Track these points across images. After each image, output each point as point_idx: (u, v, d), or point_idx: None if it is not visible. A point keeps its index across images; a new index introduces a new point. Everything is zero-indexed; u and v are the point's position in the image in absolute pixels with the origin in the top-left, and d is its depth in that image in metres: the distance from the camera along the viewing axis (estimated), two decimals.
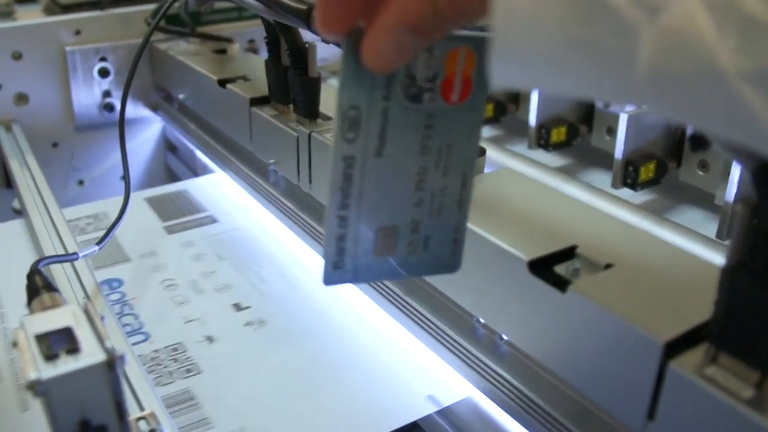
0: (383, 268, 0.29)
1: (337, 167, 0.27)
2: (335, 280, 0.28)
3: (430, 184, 0.28)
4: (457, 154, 0.28)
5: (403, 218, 0.29)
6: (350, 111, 0.26)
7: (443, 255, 0.30)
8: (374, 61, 0.23)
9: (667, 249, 0.32)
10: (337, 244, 0.28)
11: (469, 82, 0.27)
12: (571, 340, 0.30)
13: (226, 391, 0.40)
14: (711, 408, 0.24)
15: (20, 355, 0.26)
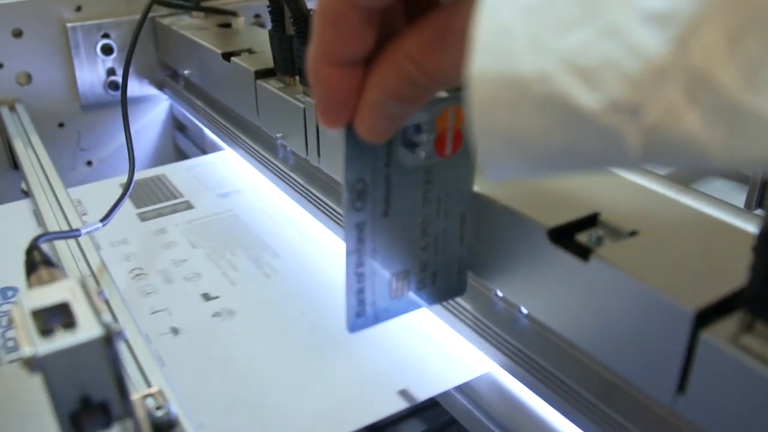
0: (399, 306, 0.33)
1: (350, 234, 0.30)
2: (359, 327, 0.32)
3: (433, 229, 0.32)
4: (455, 198, 0.31)
5: (412, 262, 0.32)
6: (357, 184, 0.29)
7: (450, 284, 0.34)
8: (368, 133, 0.25)
9: (695, 215, 0.30)
10: (357, 297, 0.31)
11: (459, 135, 0.30)
12: (594, 312, 0.28)
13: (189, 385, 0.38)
14: (746, 379, 0.23)
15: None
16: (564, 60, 0.16)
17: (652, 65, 0.15)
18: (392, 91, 0.23)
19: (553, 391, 0.32)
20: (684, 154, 0.16)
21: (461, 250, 0.33)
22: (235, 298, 0.45)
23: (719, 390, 0.24)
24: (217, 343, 0.41)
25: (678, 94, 0.15)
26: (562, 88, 0.16)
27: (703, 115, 0.15)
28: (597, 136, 0.16)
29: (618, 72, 0.15)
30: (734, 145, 0.15)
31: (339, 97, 0.24)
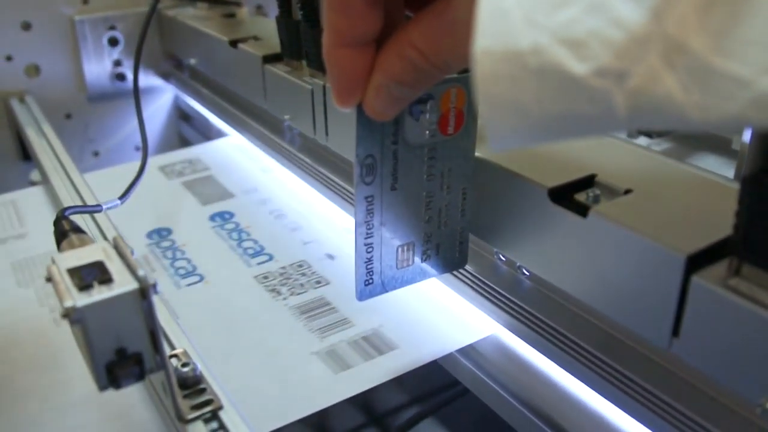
0: (405, 276, 0.35)
1: (360, 206, 0.32)
2: (367, 295, 0.34)
3: (437, 203, 0.34)
4: (457, 174, 0.34)
5: (417, 234, 0.34)
6: (367, 159, 0.31)
7: (452, 256, 0.36)
8: (374, 112, 0.28)
9: (686, 174, 0.32)
10: (366, 266, 0.34)
11: (461, 114, 0.32)
12: (593, 265, 0.30)
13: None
14: (735, 318, 0.25)
15: (54, 287, 0.27)
16: (555, 33, 0.18)
17: (632, 35, 0.17)
18: (397, 75, 0.26)
19: (557, 347, 0.34)
20: (665, 115, 0.17)
21: (462, 224, 0.35)
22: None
23: (711, 330, 0.26)
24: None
25: (657, 60, 0.17)
26: (555, 58, 0.18)
27: (679, 78, 0.16)
28: (588, 100, 0.18)
29: (603, 42, 0.17)
30: (707, 104, 0.16)
31: (350, 76, 0.27)
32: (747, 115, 0.16)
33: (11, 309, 0.43)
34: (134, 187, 0.46)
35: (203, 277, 0.46)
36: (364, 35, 0.26)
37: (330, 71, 0.27)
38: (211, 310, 0.43)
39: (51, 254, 0.29)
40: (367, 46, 0.26)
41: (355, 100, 0.28)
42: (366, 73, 0.27)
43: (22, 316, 0.42)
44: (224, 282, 0.46)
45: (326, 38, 0.26)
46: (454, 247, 0.36)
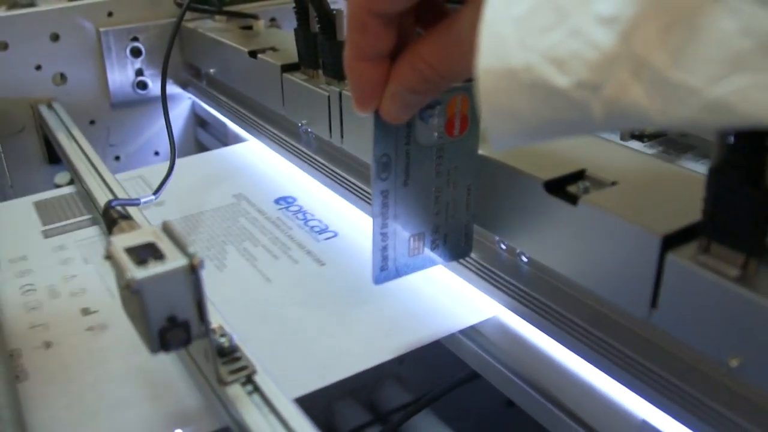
0: (416, 263, 0.39)
1: (377, 200, 0.36)
2: (382, 279, 0.39)
3: (444, 198, 0.38)
4: (463, 171, 0.38)
5: (427, 226, 0.38)
6: (382, 158, 0.35)
7: (458, 245, 0.40)
8: (390, 116, 0.32)
9: (665, 167, 0.36)
10: (382, 254, 0.38)
11: (465, 118, 0.37)
12: (583, 247, 0.34)
13: None
14: (705, 289, 0.29)
15: (114, 264, 0.31)
16: (543, 54, 0.22)
17: (605, 54, 0.21)
18: (409, 84, 0.30)
19: (552, 323, 0.37)
20: (633, 118, 0.21)
21: (467, 217, 0.40)
22: None
23: (684, 301, 0.30)
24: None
25: (626, 75, 0.21)
26: (543, 74, 0.22)
27: (645, 88, 0.21)
28: (570, 108, 0.22)
29: (581, 60, 0.21)
30: (667, 109, 0.20)
31: (369, 86, 0.31)
32: (698, 118, 0.20)
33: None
34: (166, 184, 0.50)
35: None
36: (380, 51, 0.30)
37: (351, 81, 0.32)
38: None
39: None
40: (383, 60, 0.31)
41: (373, 106, 0.32)
42: (382, 82, 0.31)
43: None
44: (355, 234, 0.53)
45: (347, 53, 0.31)
46: (460, 238, 0.40)
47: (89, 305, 0.46)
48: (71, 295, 0.47)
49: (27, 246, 0.54)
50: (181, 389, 0.38)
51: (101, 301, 0.46)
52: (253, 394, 0.33)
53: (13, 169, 0.80)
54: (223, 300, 0.44)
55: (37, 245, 0.54)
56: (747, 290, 0.28)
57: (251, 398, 0.33)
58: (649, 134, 0.60)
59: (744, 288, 0.28)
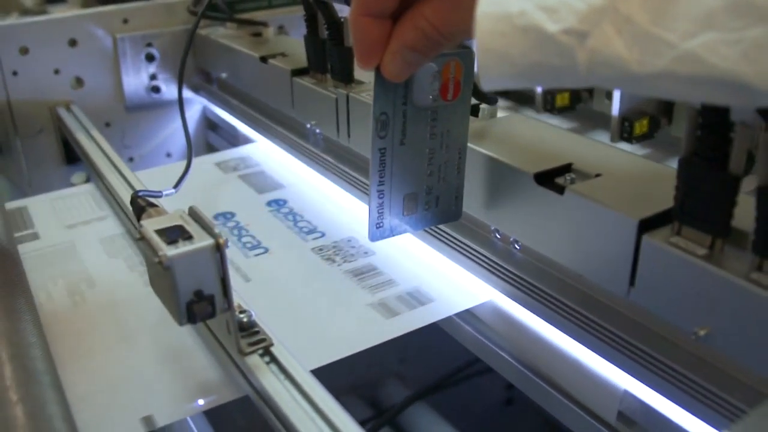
0: (410, 223, 0.42)
1: (375, 157, 0.39)
2: (377, 237, 0.41)
3: (437, 160, 0.41)
4: (454, 135, 0.41)
5: (420, 187, 0.41)
6: (381, 116, 0.38)
7: (449, 208, 0.43)
8: (390, 74, 0.35)
9: (645, 163, 0.40)
10: (378, 211, 0.40)
11: (458, 84, 0.40)
12: (568, 232, 0.37)
13: (399, 264, 0.52)
14: (676, 267, 0.32)
15: (146, 244, 0.35)
16: (536, 2, 0.25)
17: (593, 8, 0.24)
18: (410, 42, 0.33)
19: (543, 305, 0.41)
20: (613, 69, 0.24)
21: (458, 180, 0.42)
22: None
23: (658, 278, 0.33)
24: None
25: (610, 28, 0.24)
26: (535, 20, 0.25)
27: (625, 41, 0.24)
28: (558, 53, 0.25)
29: (571, 10, 0.24)
30: (644, 60, 0.24)
31: (371, 42, 0.34)
32: (671, 68, 0.23)
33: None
34: (185, 178, 0.54)
35: (268, 249, 0.55)
36: (384, 9, 0.33)
37: (354, 37, 0.34)
38: (277, 274, 0.51)
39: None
40: (386, 19, 0.34)
41: (375, 61, 0.35)
42: (384, 40, 0.34)
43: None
44: (286, 253, 0.54)
45: (353, 9, 0.34)
46: (451, 200, 0.43)
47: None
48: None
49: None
50: (202, 364, 0.42)
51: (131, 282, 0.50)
52: (270, 364, 0.36)
53: (31, 169, 0.84)
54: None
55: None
56: (714, 267, 0.31)
57: (269, 368, 0.36)
58: (636, 135, 0.64)
59: (711, 265, 0.31)
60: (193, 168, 0.57)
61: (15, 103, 0.80)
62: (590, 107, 0.73)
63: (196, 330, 0.44)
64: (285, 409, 0.33)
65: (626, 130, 0.64)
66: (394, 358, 0.87)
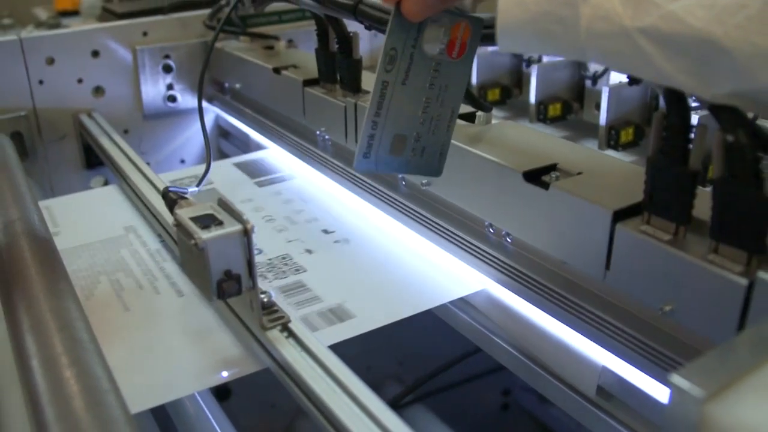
0: (393, 164, 0.45)
1: (377, 87, 0.42)
2: (363, 167, 0.44)
3: (431, 111, 0.44)
4: (451, 93, 0.45)
5: (411, 131, 0.44)
6: (390, 51, 0.41)
7: (432, 162, 0.46)
8: (408, 11, 0.39)
9: (621, 163, 0.45)
10: (368, 141, 0.43)
11: (464, 45, 0.44)
12: (552, 224, 0.42)
13: (327, 282, 0.53)
14: (645, 251, 0.37)
15: (181, 229, 0.39)
16: None
17: None
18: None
19: (531, 290, 0.46)
20: (609, 24, 0.29)
21: (446, 138, 0.45)
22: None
23: (629, 262, 0.38)
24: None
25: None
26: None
27: (621, 2, 0.29)
28: (566, 6, 0.30)
29: None
30: (636, 16, 0.29)
31: None
32: (657, 25, 0.29)
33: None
34: (205, 178, 0.59)
35: None
36: None
37: None
38: None
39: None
40: None
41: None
42: None
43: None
44: None
45: None
46: (436, 155, 0.46)
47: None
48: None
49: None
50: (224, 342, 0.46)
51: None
52: (289, 338, 0.41)
53: (53, 172, 0.89)
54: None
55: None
56: (677, 250, 0.36)
57: (288, 341, 0.41)
58: (623, 143, 0.69)
59: (675, 248, 0.36)
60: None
61: (40, 111, 0.85)
62: (580, 117, 0.78)
63: (218, 312, 0.49)
64: (306, 378, 0.38)
65: (613, 138, 0.69)
66: (393, 360, 0.92)
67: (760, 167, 0.33)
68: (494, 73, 0.83)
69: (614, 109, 0.68)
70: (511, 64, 0.84)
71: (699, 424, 0.25)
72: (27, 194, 0.61)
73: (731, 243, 0.34)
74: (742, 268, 0.34)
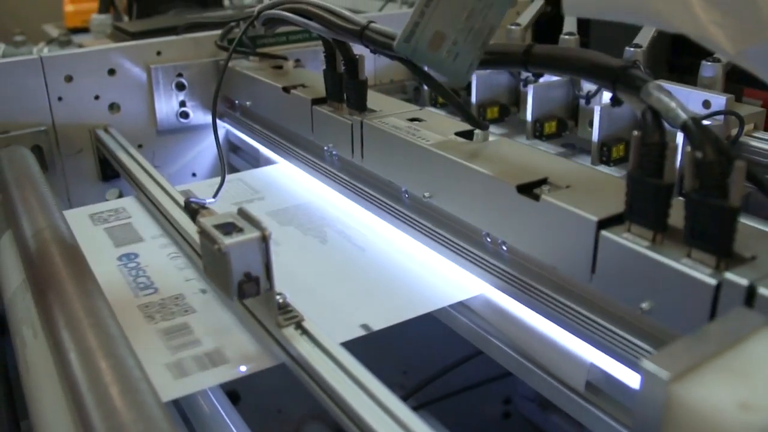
0: (428, 58, 0.49)
1: None
2: (402, 49, 0.49)
3: (472, 21, 0.49)
4: (494, 12, 0.49)
5: (451, 33, 0.49)
6: None
7: (461, 70, 0.50)
8: None
9: (606, 176, 0.49)
10: (413, 27, 0.48)
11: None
12: (544, 232, 0.46)
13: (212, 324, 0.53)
14: (627, 255, 0.41)
15: (206, 235, 0.43)
16: None
17: None
18: None
19: (526, 294, 0.49)
20: None
21: (478, 52, 0.50)
22: None
23: (613, 266, 0.42)
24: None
25: None
26: None
27: None
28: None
29: None
30: None
31: None
32: None
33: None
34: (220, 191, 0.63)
35: None
36: None
37: None
38: None
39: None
40: None
41: None
42: None
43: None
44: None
45: None
46: (466, 65, 0.50)
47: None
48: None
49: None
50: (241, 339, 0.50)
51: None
52: (303, 335, 0.45)
53: (70, 184, 0.93)
54: None
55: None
56: (655, 254, 0.40)
57: (302, 338, 0.45)
58: (614, 159, 0.73)
59: (653, 253, 0.40)
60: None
61: (59, 126, 0.89)
62: (574, 134, 0.83)
63: (235, 314, 0.52)
64: (320, 371, 0.41)
65: (605, 154, 0.73)
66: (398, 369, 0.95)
67: (727, 180, 0.37)
68: (493, 92, 0.87)
69: (606, 127, 0.73)
70: (508, 84, 0.88)
71: (666, 403, 0.29)
72: (52, 204, 0.65)
73: (702, 248, 0.38)
74: (712, 271, 0.38)
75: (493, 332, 0.55)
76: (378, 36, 0.58)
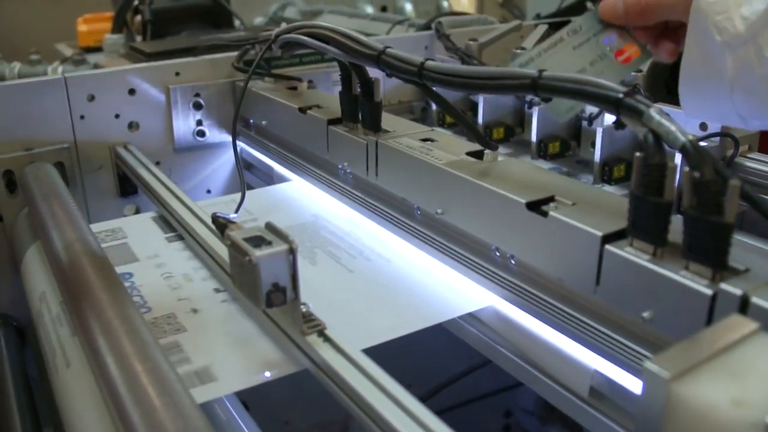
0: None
1: (552, 39, 0.61)
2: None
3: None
4: (604, 77, 0.55)
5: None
6: (578, 26, 0.61)
7: (563, 110, 0.60)
8: (602, 11, 0.61)
9: (609, 195, 0.52)
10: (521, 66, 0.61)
11: (630, 59, 0.61)
12: (550, 247, 0.49)
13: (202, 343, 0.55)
14: (629, 268, 0.44)
15: (236, 248, 0.46)
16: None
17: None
18: (620, 4, 0.60)
19: (534, 305, 0.52)
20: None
21: (579, 104, 0.61)
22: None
23: (616, 278, 0.45)
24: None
25: None
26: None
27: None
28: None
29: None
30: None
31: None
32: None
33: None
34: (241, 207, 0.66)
35: None
36: None
37: None
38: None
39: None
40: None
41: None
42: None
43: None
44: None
45: None
46: (567, 110, 0.60)
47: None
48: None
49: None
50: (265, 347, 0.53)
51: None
52: (325, 342, 0.48)
53: (90, 200, 0.96)
54: None
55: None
56: (655, 267, 0.43)
57: (325, 345, 0.48)
58: (615, 178, 0.76)
59: (653, 266, 0.43)
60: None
61: (80, 143, 0.93)
62: (577, 154, 0.86)
63: (258, 323, 0.55)
64: (344, 376, 0.44)
65: (606, 173, 0.76)
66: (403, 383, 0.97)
67: (722, 199, 0.40)
68: (498, 114, 0.91)
69: (607, 148, 0.76)
70: (514, 106, 0.92)
71: (666, 401, 0.32)
72: (80, 218, 0.69)
73: (699, 261, 0.41)
74: (708, 282, 0.41)
75: (500, 342, 0.57)
76: (394, 60, 0.62)
